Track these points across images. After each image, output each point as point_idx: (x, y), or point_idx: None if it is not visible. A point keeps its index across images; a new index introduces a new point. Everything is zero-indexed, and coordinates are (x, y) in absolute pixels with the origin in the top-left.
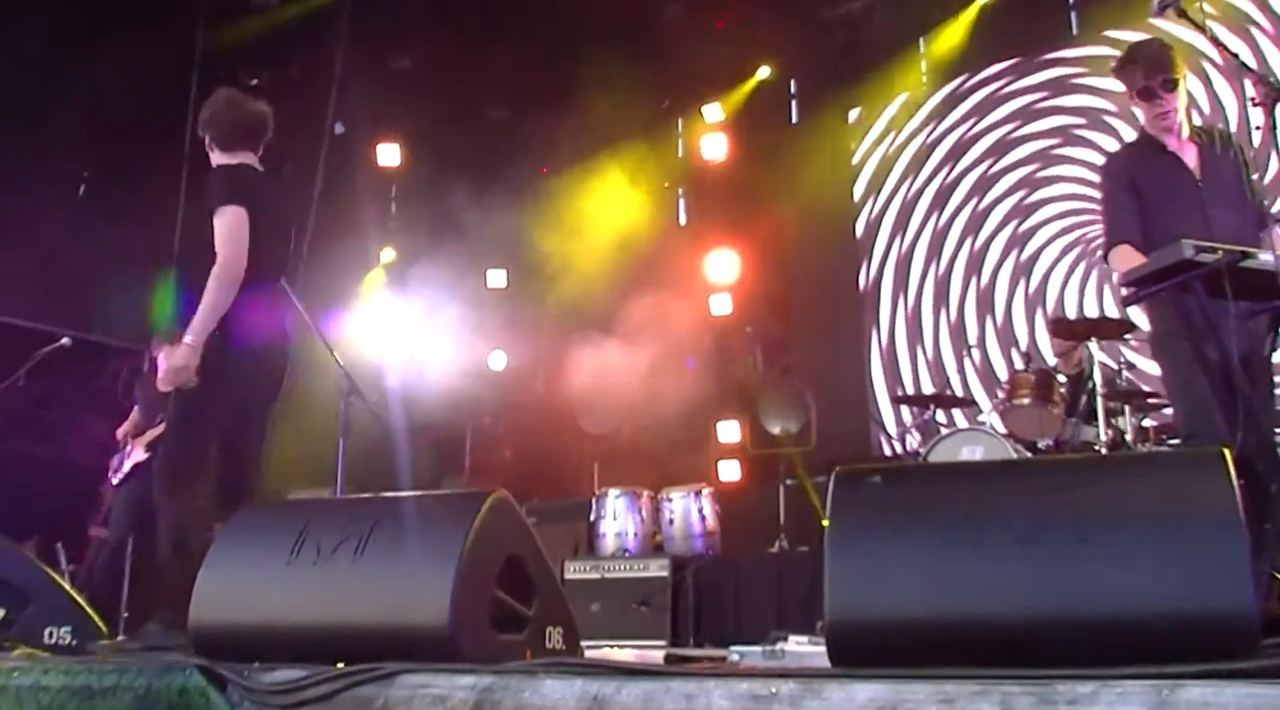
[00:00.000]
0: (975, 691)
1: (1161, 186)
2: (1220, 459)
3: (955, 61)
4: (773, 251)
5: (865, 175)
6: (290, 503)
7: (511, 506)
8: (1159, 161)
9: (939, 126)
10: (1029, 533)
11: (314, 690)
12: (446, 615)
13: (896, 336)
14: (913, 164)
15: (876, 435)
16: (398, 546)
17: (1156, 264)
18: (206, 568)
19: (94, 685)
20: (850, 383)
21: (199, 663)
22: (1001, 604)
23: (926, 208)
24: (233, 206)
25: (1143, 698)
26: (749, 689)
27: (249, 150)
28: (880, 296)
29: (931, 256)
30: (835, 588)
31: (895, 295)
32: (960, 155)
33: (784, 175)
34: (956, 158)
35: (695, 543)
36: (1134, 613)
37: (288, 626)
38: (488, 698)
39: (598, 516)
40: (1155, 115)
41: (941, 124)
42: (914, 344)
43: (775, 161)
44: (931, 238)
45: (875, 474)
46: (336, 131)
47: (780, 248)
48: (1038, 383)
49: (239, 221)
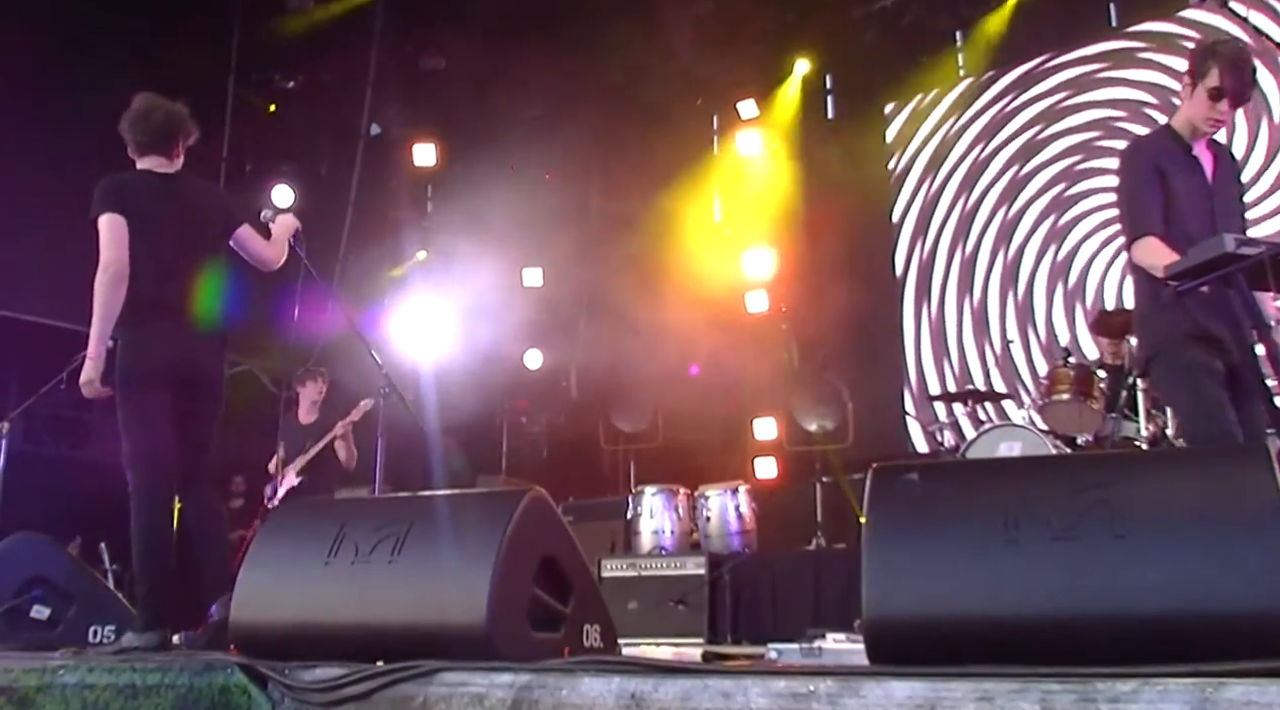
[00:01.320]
0: (1014, 689)
1: (1184, 183)
2: (1264, 454)
3: (992, 55)
4: (809, 248)
5: (902, 170)
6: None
7: (548, 505)
8: (1183, 161)
9: (976, 120)
10: (1067, 530)
11: (354, 688)
12: (484, 614)
13: (933, 332)
14: (950, 158)
15: (913, 431)
16: (435, 546)
17: (1198, 257)
18: (247, 567)
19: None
20: (887, 379)
21: (240, 661)
22: (1039, 601)
23: (964, 202)
24: (106, 214)
25: (1185, 696)
26: (787, 687)
27: (158, 155)
28: (917, 292)
29: (969, 251)
30: (873, 585)
31: (933, 291)
32: (998, 149)
33: (820, 171)
34: (995, 151)
35: (732, 540)
36: (1174, 610)
37: (326, 625)
38: (526, 696)
39: (634, 514)
40: (1209, 117)
41: (979, 118)
42: (951, 340)
43: (811, 157)
44: (969, 232)
45: (912, 471)
46: (372, 132)
47: (816, 244)
48: (1077, 378)
49: (111, 226)
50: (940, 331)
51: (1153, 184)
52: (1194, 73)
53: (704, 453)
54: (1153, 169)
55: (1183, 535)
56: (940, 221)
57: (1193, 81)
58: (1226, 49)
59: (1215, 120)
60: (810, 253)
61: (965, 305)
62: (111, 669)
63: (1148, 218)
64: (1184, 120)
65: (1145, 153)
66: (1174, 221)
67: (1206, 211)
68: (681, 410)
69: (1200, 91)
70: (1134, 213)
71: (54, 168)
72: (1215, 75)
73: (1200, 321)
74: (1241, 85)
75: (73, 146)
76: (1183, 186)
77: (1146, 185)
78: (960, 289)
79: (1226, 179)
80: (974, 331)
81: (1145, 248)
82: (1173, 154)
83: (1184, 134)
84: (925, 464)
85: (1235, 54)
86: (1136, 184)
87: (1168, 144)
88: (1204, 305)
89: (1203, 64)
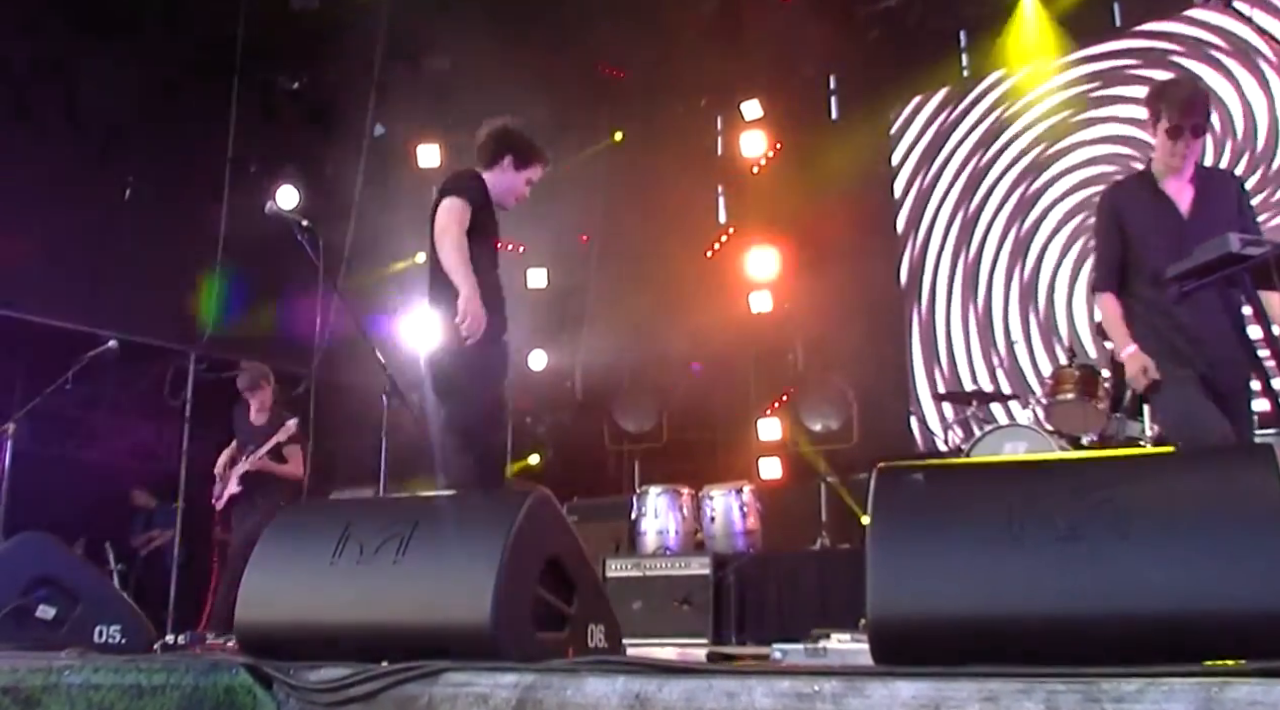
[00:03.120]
0: (1019, 689)
1: (1148, 223)
2: (1269, 454)
3: (996, 55)
4: (813, 248)
5: (906, 171)
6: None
7: (553, 505)
8: (1148, 200)
9: (980, 121)
10: (1071, 530)
11: (358, 688)
12: (489, 614)
13: (937, 333)
14: (954, 159)
15: (918, 432)
16: (440, 546)
17: (1202, 257)
18: (251, 568)
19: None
20: (891, 379)
21: (245, 661)
22: (1044, 601)
23: (968, 203)
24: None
25: (1190, 696)
26: (791, 687)
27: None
28: (921, 292)
29: (973, 251)
30: (877, 585)
31: (936, 291)
32: (1002, 150)
33: (824, 171)
34: (998, 152)
35: (737, 540)
36: (1179, 610)
37: (331, 626)
38: (530, 696)
39: (639, 514)
40: (1172, 153)
41: (983, 119)
42: (956, 340)
43: (815, 158)
44: (973, 233)
45: (917, 471)
46: (376, 133)
47: (821, 244)
48: (1082, 378)
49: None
50: (945, 331)
51: (1110, 235)
52: (1152, 117)
53: (708, 453)
54: (1111, 217)
55: (1188, 535)
56: (945, 221)
57: (1152, 124)
58: (1174, 90)
59: (1181, 155)
60: (814, 253)
61: (970, 305)
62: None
63: (1105, 273)
64: (1157, 161)
65: (1106, 200)
66: (1137, 263)
67: (1174, 248)
68: (686, 410)
69: (1160, 134)
70: (1096, 261)
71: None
72: (1172, 115)
73: (1181, 336)
74: (1196, 119)
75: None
76: (1145, 227)
77: (1105, 237)
78: (965, 289)
79: (1214, 205)
80: (979, 331)
81: (1101, 302)
82: (1137, 195)
83: (1158, 174)
84: (930, 464)
85: (1183, 92)
86: (1098, 235)
87: (1134, 186)
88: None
89: (1155, 107)
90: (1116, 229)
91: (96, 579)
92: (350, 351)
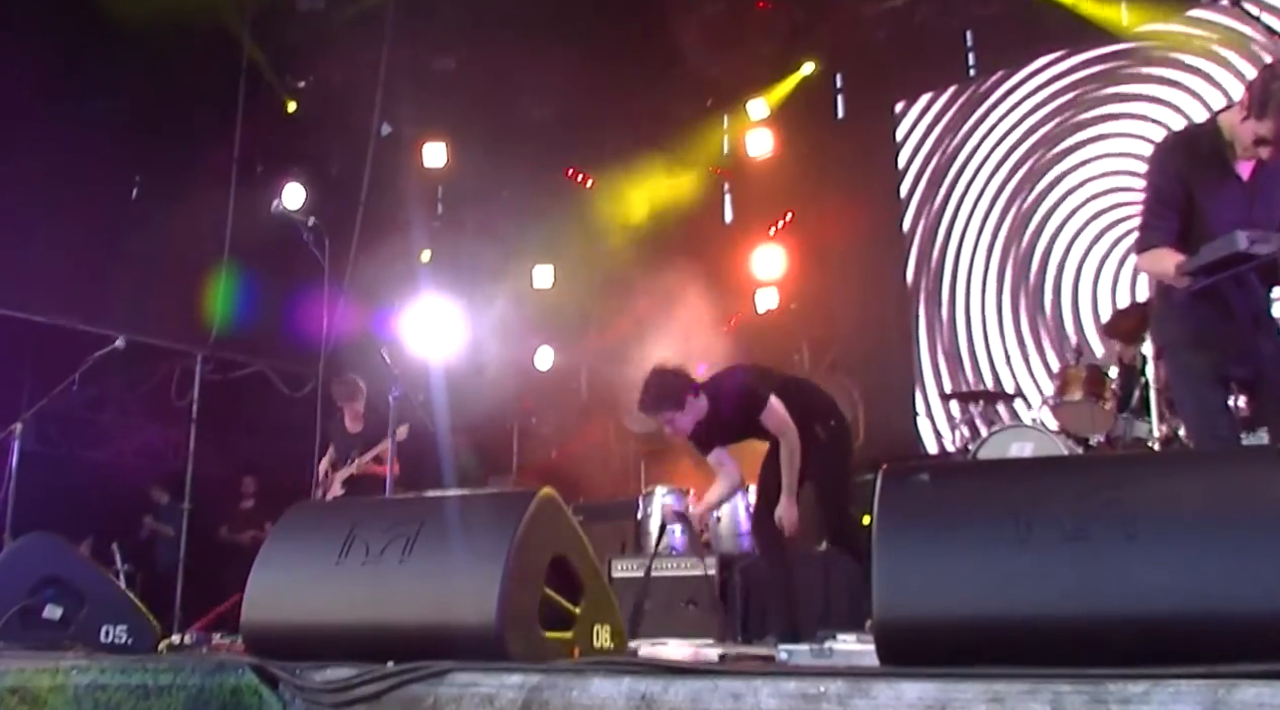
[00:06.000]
0: (1025, 690)
1: (1215, 196)
2: (1275, 455)
3: (1002, 53)
4: (819, 247)
5: (912, 169)
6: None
7: (558, 505)
8: (1215, 170)
9: (986, 119)
10: (1078, 530)
11: (364, 689)
12: (494, 614)
13: (944, 332)
14: (959, 157)
15: (924, 432)
16: (445, 546)
17: (1210, 255)
18: (257, 568)
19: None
20: (897, 379)
21: (251, 661)
22: (1050, 602)
23: (973, 201)
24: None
25: (1197, 697)
26: (797, 687)
27: None
28: (927, 291)
29: (980, 250)
30: (883, 586)
31: (942, 290)
32: (1009, 148)
33: (830, 170)
34: (1004, 151)
35: (743, 541)
36: (1186, 611)
37: (337, 626)
38: (536, 696)
39: (645, 515)
40: (1247, 150)
41: (989, 117)
42: (962, 339)
43: (821, 157)
44: (979, 231)
45: (923, 471)
46: (383, 133)
47: (826, 243)
48: (1089, 378)
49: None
50: (951, 330)
51: (1172, 204)
52: (1252, 103)
53: None
54: (1177, 181)
55: (1195, 536)
56: (950, 220)
57: (1248, 111)
58: None
59: (1253, 156)
60: (820, 251)
61: (977, 304)
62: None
63: (1159, 229)
64: (1230, 128)
65: (1170, 159)
66: (1198, 238)
67: (1245, 208)
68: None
69: (1249, 125)
70: (1148, 218)
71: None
72: (1269, 126)
73: (1207, 327)
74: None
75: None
76: (1213, 200)
77: (1164, 191)
78: (972, 288)
79: (1271, 173)
80: (985, 330)
81: (1151, 257)
82: (1205, 161)
83: (1225, 150)
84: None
85: None
86: (1155, 188)
87: (1204, 148)
88: (1215, 310)
89: (1263, 106)
90: (1182, 193)
91: (103, 579)
92: (357, 351)
